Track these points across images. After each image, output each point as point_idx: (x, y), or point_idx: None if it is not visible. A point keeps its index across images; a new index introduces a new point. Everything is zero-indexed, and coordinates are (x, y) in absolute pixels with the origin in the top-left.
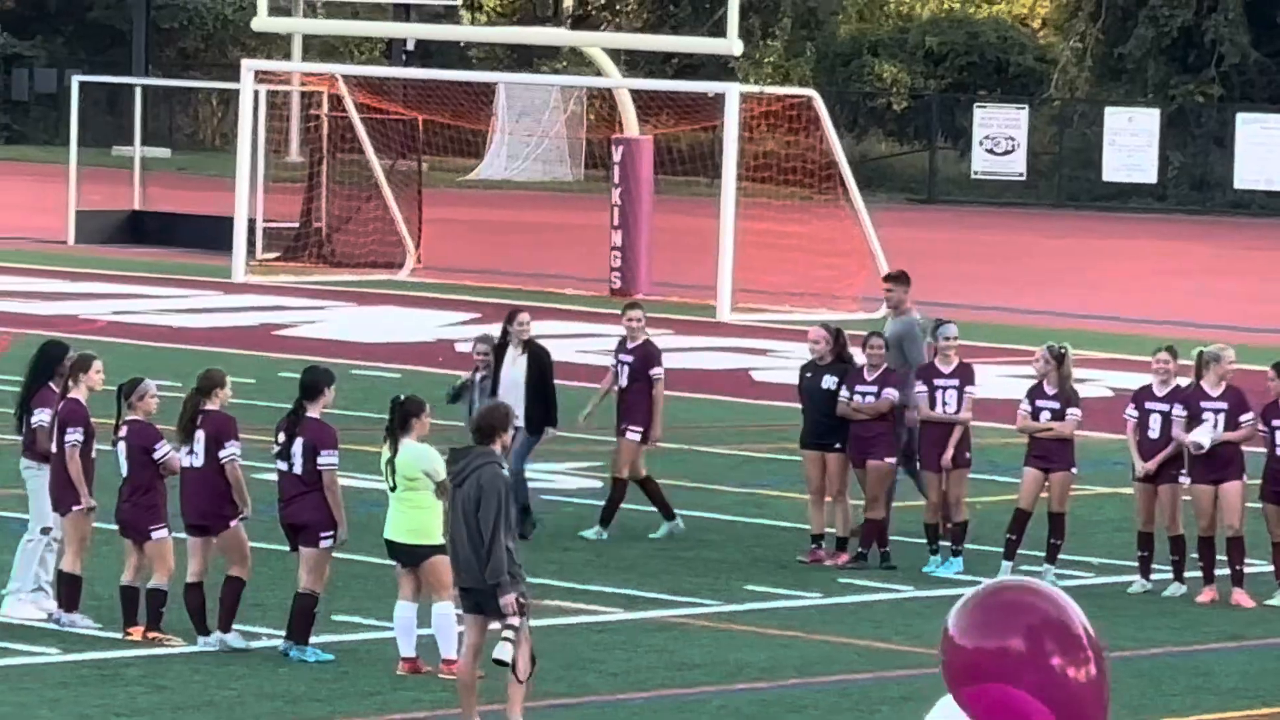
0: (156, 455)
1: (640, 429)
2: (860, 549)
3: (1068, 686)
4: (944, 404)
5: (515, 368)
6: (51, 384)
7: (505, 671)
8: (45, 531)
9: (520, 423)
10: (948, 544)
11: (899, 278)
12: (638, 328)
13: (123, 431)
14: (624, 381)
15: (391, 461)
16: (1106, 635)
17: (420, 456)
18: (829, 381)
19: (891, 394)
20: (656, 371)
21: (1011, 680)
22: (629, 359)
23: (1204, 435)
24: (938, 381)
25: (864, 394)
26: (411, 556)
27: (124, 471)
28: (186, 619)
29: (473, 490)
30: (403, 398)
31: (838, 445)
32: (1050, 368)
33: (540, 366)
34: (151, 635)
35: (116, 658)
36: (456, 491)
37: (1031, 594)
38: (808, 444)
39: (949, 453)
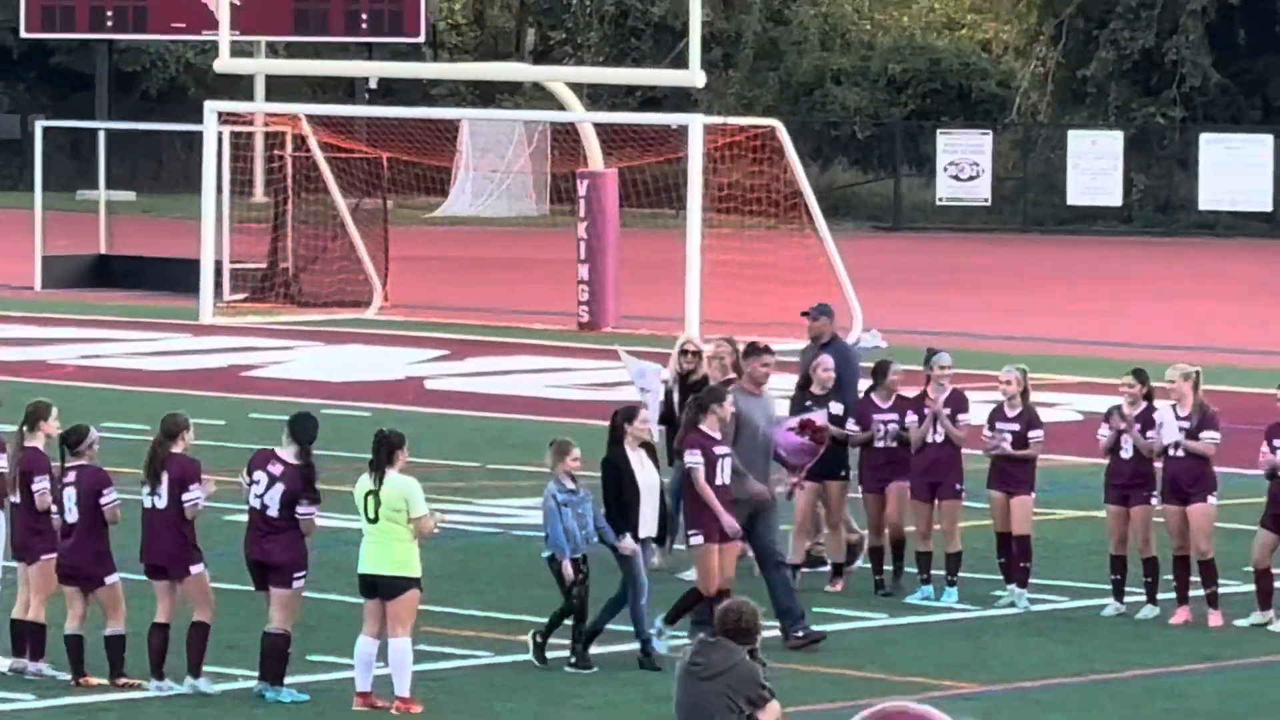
0: (104, 501)
1: None
2: (895, 562)
3: None
4: (935, 434)
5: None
6: None
7: None
8: None
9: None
10: (940, 573)
11: None
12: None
13: (70, 477)
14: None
15: (375, 493)
16: (1083, 659)
17: (405, 487)
18: (836, 409)
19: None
20: None
21: None
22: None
23: (1169, 433)
24: (926, 410)
25: (885, 422)
26: (391, 589)
27: (71, 518)
28: (147, 662)
29: (721, 690)
30: (386, 430)
31: (842, 473)
32: (1017, 389)
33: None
34: (120, 681)
35: (92, 702)
36: (700, 684)
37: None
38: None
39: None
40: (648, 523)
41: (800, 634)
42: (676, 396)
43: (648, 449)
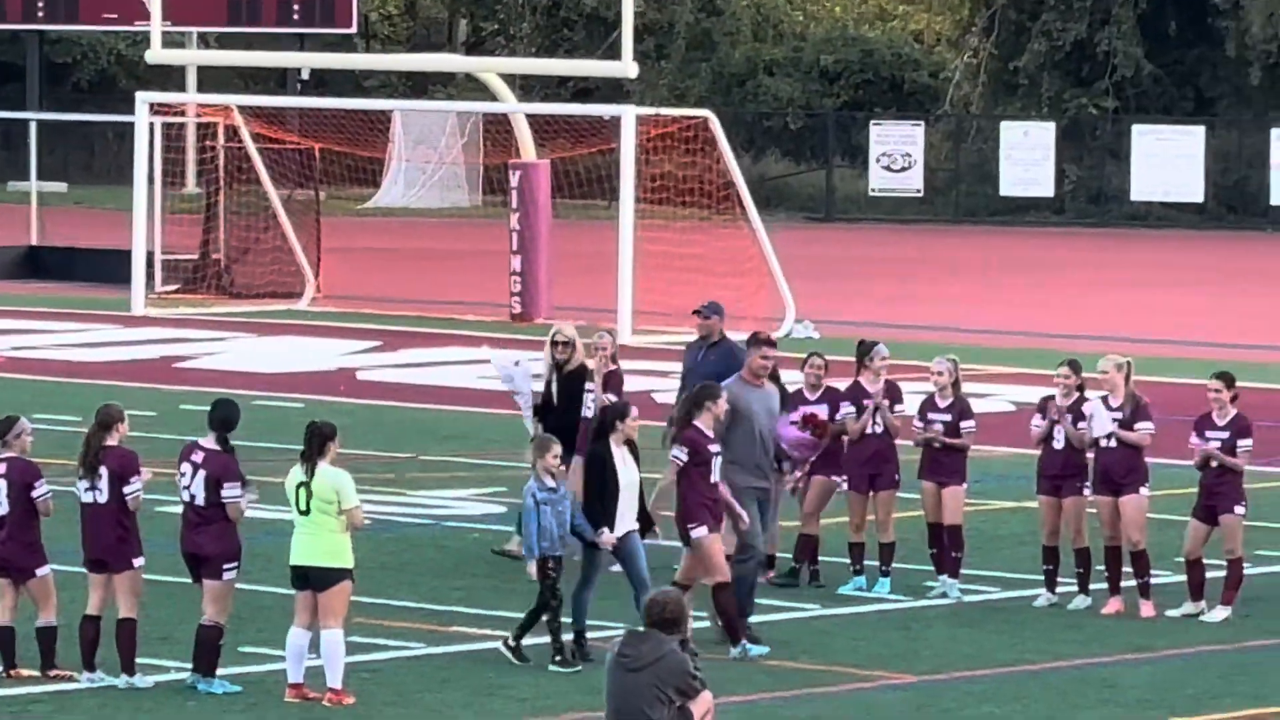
0: (36, 494)
1: None
2: (794, 564)
3: None
4: (874, 424)
5: (627, 468)
6: None
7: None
8: None
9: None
10: (873, 563)
11: None
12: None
13: (0, 469)
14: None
15: (306, 485)
16: (1014, 649)
17: (336, 479)
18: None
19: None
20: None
21: None
22: None
23: (1100, 425)
24: (867, 402)
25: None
26: (323, 580)
27: (1, 510)
28: (78, 654)
29: (650, 680)
30: (317, 422)
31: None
32: (949, 380)
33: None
34: (52, 673)
35: (24, 694)
36: (628, 676)
37: None
38: None
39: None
40: (625, 520)
41: None
42: (555, 387)
43: (631, 446)
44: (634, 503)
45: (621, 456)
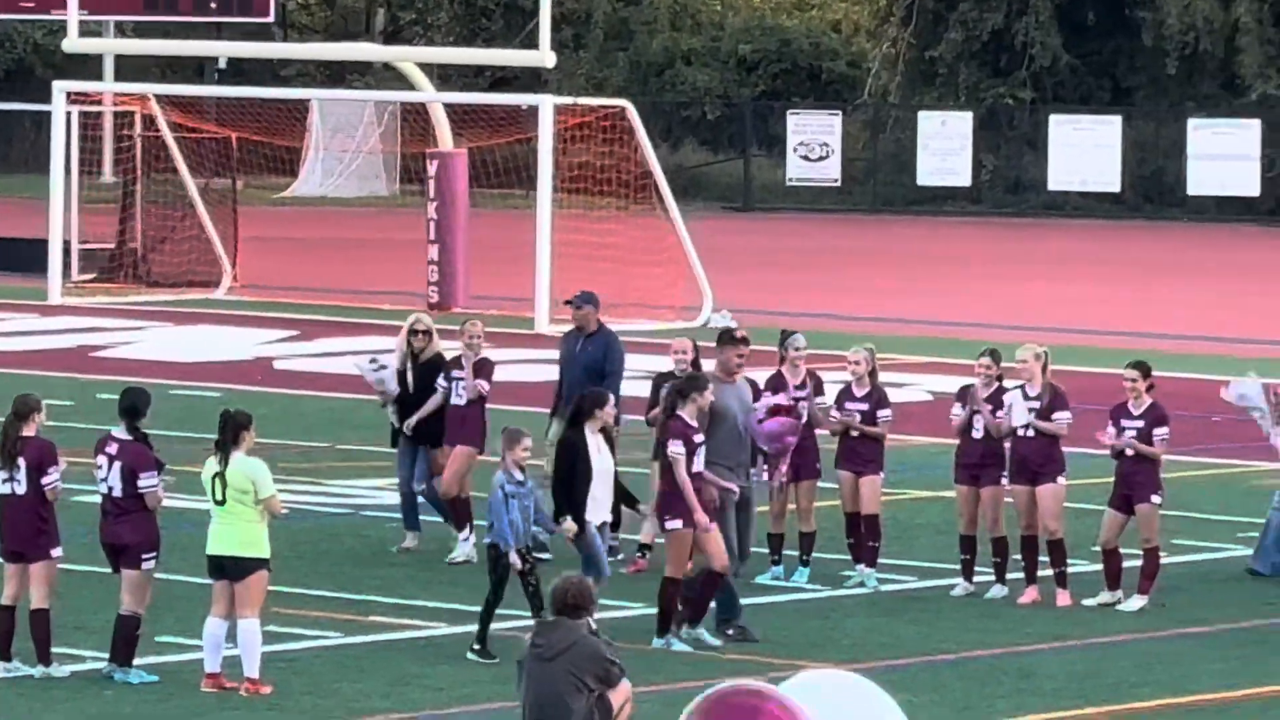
0: None
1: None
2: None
3: None
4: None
5: (602, 456)
6: None
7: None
8: None
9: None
10: (791, 553)
11: None
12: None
13: None
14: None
15: (221, 475)
16: (931, 639)
17: (252, 469)
18: None
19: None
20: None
21: None
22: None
23: (1019, 415)
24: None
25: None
26: (238, 570)
27: None
28: None
29: (565, 668)
30: (232, 411)
31: None
32: (865, 369)
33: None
34: None
35: None
36: (543, 665)
37: (759, 697)
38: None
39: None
40: (601, 507)
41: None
42: (410, 377)
43: (605, 435)
44: (609, 490)
45: (596, 444)
